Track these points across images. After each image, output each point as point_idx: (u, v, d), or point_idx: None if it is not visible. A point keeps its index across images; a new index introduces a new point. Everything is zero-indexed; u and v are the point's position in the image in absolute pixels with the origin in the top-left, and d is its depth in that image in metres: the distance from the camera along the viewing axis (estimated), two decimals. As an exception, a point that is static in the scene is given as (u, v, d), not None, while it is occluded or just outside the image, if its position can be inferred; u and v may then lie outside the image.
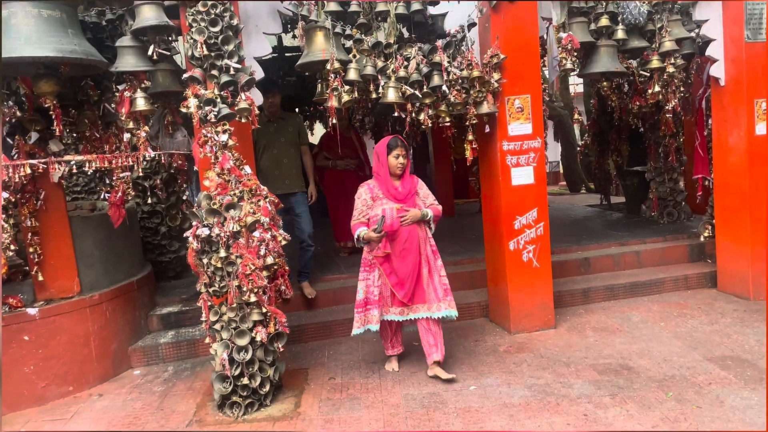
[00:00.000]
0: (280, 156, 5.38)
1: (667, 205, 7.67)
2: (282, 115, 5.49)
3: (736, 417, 3.45)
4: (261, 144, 5.29)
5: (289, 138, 5.44)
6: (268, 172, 5.32)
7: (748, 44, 5.37)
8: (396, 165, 4.16)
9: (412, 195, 4.21)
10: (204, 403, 4.20)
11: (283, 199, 5.06)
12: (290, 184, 5.41)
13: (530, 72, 4.95)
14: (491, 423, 3.59)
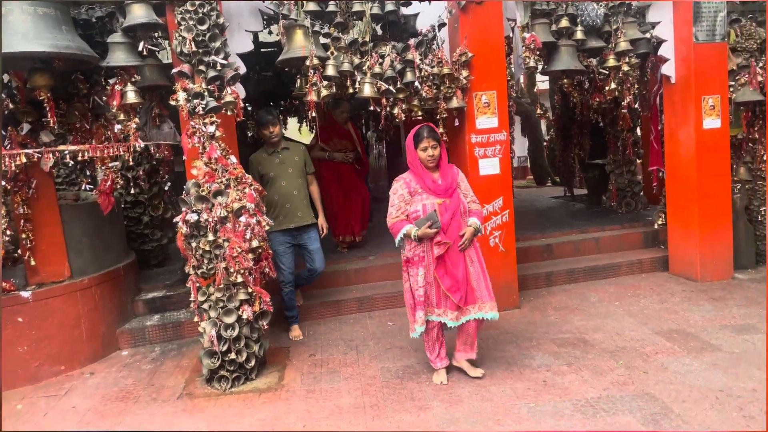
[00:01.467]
0: (289, 188, 4.95)
1: (626, 195, 8.15)
2: (285, 144, 5.10)
3: (677, 380, 3.87)
4: (267, 177, 4.94)
5: (296, 168, 5.03)
6: (279, 205, 4.92)
7: (696, 45, 5.82)
8: (426, 158, 3.82)
9: (453, 188, 3.85)
10: (192, 378, 4.47)
11: (296, 234, 5.00)
12: (303, 216, 5.00)
13: (496, 69, 5.31)
14: (460, 390, 3.94)
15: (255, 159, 5.02)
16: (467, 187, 3.97)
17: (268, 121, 4.88)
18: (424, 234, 3.72)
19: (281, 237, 4.93)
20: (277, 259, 4.85)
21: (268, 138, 4.92)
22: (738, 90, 6.14)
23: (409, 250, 3.88)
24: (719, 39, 5.88)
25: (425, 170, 3.84)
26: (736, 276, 6.18)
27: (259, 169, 4.95)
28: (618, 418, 3.42)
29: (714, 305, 5.32)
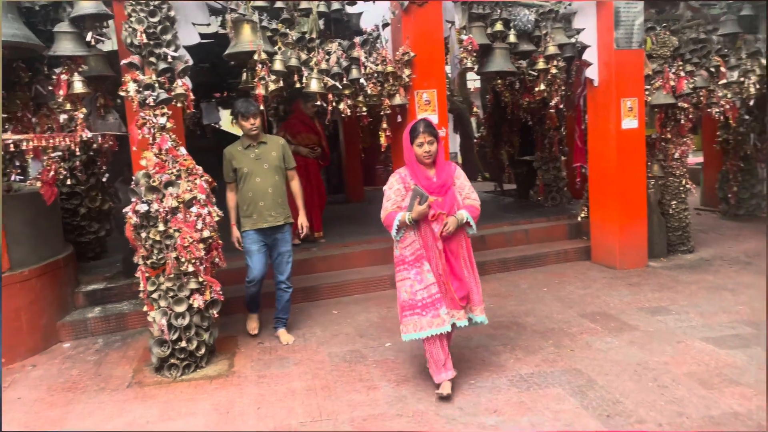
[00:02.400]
0: (264, 185, 4.62)
1: (551, 190, 8.68)
2: (264, 138, 4.72)
3: (600, 356, 4.27)
4: (242, 172, 4.63)
5: (273, 164, 4.67)
6: (252, 203, 4.63)
7: (617, 51, 6.32)
8: (421, 154, 3.58)
9: (449, 186, 3.64)
10: (140, 368, 4.50)
11: (269, 233, 4.72)
12: (276, 216, 4.68)
13: (436, 69, 5.59)
14: (405, 370, 4.19)
15: (229, 152, 4.71)
16: (464, 184, 3.74)
17: (250, 113, 4.54)
18: (417, 214, 3.47)
19: (254, 236, 4.70)
20: (247, 257, 4.73)
21: (247, 130, 4.60)
22: (653, 93, 6.69)
23: (405, 248, 3.63)
24: (637, 46, 6.40)
25: (420, 167, 3.62)
26: (650, 264, 6.75)
27: (233, 164, 4.66)
28: (549, 391, 3.76)
29: (631, 290, 5.83)
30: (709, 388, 3.68)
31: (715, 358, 4.12)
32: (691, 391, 3.66)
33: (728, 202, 9.37)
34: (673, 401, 3.55)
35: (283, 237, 4.78)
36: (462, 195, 3.71)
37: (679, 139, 7.16)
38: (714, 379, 3.80)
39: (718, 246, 7.58)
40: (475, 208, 3.70)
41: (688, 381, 3.79)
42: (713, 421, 3.27)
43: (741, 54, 7.14)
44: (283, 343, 4.82)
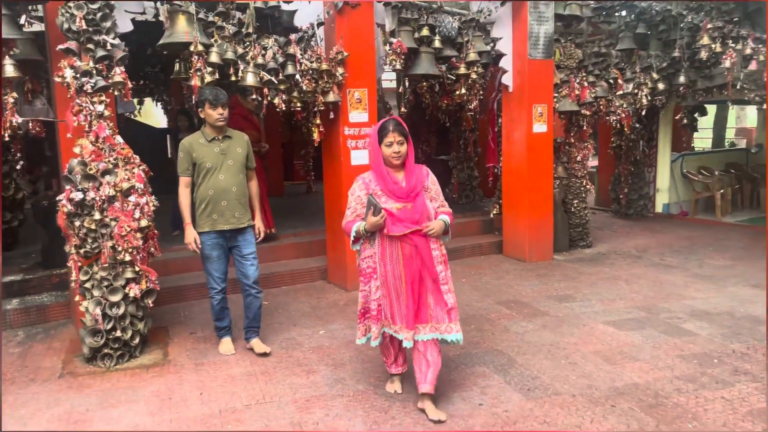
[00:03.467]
0: (228, 183, 4.19)
1: (466, 188, 9.18)
2: (229, 132, 4.30)
3: (517, 338, 4.69)
4: (203, 167, 4.16)
5: (238, 160, 4.26)
6: (213, 202, 4.18)
7: (530, 60, 6.84)
8: (390, 155, 3.30)
9: (418, 192, 3.34)
10: (70, 359, 4.42)
11: (230, 236, 4.29)
12: (240, 218, 4.27)
13: (367, 69, 5.83)
14: (341, 355, 4.40)
15: (189, 144, 4.19)
16: (438, 191, 3.48)
17: (220, 101, 4.11)
18: (371, 225, 3.24)
19: (214, 239, 4.23)
20: (207, 264, 4.30)
21: (214, 120, 4.13)
22: (560, 101, 7.30)
23: (363, 260, 3.45)
24: (547, 57, 6.96)
25: (387, 170, 3.35)
26: (555, 257, 7.36)
27: (194, 157, 4.16)
28: (475, 369, 4.11)
29: (540, 280, 6.36)
30: (613, 363, 4.17)
31: (616, 339, 4.64)
32: (597, 366, 4.13)
33: (619, 203, 10.30)
34: (583, 375, 4.00)
35: (245, 239, 4.35)
36: (436, 204, 3.44)
37: (581, 143, 7.83)
38: (616, 356, 4.31)
39: (612, 242, 8.36)
40: (451, 215, 3.47)
41: (594, 358, 4.27)
42: (617, 392, 3.74)
43: (635, 68, 7.93)
44: (258, 353, 4.38)
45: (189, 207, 4.24)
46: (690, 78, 8.27)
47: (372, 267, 3.42)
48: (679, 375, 3.95)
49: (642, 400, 3.60)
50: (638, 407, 3.51)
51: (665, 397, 3.63)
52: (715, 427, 3.26)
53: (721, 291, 5.85)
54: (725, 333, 4.69)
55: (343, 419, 3.47)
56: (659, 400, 3.60)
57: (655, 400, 3.61)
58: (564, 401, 3.63)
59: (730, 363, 4.12)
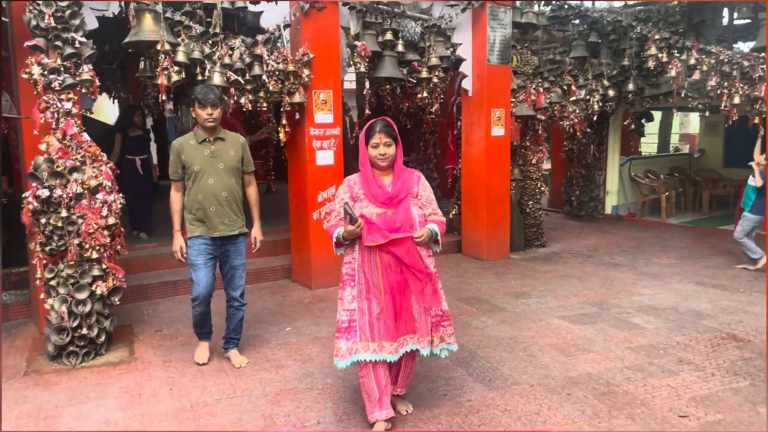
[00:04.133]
0: (217, 187, 3.94)
1: (426, 189, 9.36)
2: (221, 133, 4.05)
3: (478, 333, 4.89)
4: (192, 170, 3.93)
5: (230, 164, 4.00)
6: (201, 208, 3.94)
7: (489, 66, 7.08)
8: (376, 157, 3.13)
9: (403, 198, 3.14)
10: (33, 357, 4.39)
11: (220, 243, 4.04)
12: (230, 225, 4.01)
13: (332, 71, 5.94)
14: (309, 351, 4.51)
15: (179, 145, 3.98)
16: (430, 198, 3.26)
17: (209, 101, 3.87)
18: (347, 233, 3.08)
19: (201, 245, 3.99)
20: (192, 271, 4.02)
21: (203, 120, 3.89)
22: (517, 105, 7.57)
23: (344, 265, 3.26)
24: (505, 63, 7.22)
25: (373, 173, 3.17)
26: (511, 256, 7.63)
27: (182, 158, 3.94)
28: (439, 362, 4.26)
29: (498, 278, 6.60)
30: (568, 355, 4.41)
31: (570, 332, 4.89)
32: (553, 358, 4.36)
33: (571, 204, 10.70)
34: (540, 367, 4.21)
35: (236, 249, 4.11)
36: (427, 211, 3.22)
37: (536, 147, 8.13)
38: (570, 348, 4.55)
39: (565, 242, 8.70)
40: (443, 224, 3.22)
41: (550, 350, 4.50)
42: (572, 381, 3.97)
43: (588, 75, 8.28)
44: (236, 365, 4.19)
45: (179, 213, 4.05)
46: (638, 85, 8.69)
47: (351, 274, 3.20)
48: (628, 365, 4.21)
49: (595, 389, 3.83)
50: (592, 395, 3.75)
51: (616, 386, 3.88)
52: (662, 412, 3.51)
53: (667, 288, 6.20)
54: (670, 326, 5.00)
55: (313, 411, 3.58)
56: (611, 388, 3.85)
57: (607, 388, 3.85)
58: (523, 390, 3.83)
59: (674, 354, 4.41)
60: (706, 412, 3.51)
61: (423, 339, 3.20)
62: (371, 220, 3.09)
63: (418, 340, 3.20)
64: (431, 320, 3.26)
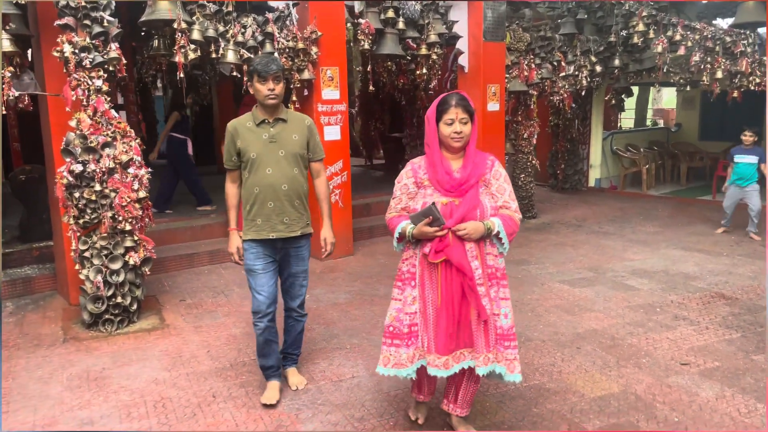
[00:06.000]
0: (277, 179, 3.26)
1: (419, 164, 9.63)
2: (283, 113, 3.33)
3: (487, 296, 5.20)
4: (247, 156, 3.26)
5: (293, 150, 3.30)
6: (259, 202, 3.27)
7: (485, 43, 7.31)
8: (450, 136, 2.68)
9: (473, 185, 2.70)
10: (68, 326, 4.58)
11: (277, 247, 3.35)
12: (291, 224, 3.31)
13: (338, 48, 6.13)
14: (329, 315, 4.78)
15: (233, 128, 3.32)
16: (503, 187, 2.78)
17: (271, 72, 3.17)
18: (420, 233, 2.64)
19: (258, 248, 3.31)
20: (250, 278, 3.36)
21: (263, 98, 3.20)
22: (510, 81, 7.84)
23: (404, 261, 2.82)
24: (500, 39, 7.46)
25: (441, 155, 2.74)
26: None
27: (237, 144, 3.28)
28: (455, 323, 4.58)
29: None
30: (572, 314, 4.75)
31: (571, 294, 5.24)
32: (559, 317, 4.70)
33: (557, 177, 11.07)
34: (548, 325, 4.55)
35: (297, 253, 3.42)
36: (499, 201, 2.76)
37: (528, 121, 8.43)
38: (574, 308, 4.89)
39: (554, 213, 9.07)
40: (513, 221, 2.73)
41: (555, 311, 4.84)
42: (580, 336, 4.31)
43: (576, 51, 8.57)
44: (292, 387, 3.58)
45: (235, 207, 3.43)
46: (623, 61, 9.01)
47: (413, 272, 2.77)
48: (629, 321, 4.57)
49: (602, 342, 4.18)
50: (600, 348, 4.09)
51: (620, 339, 4.23)
52: (665, 361, 3.87)
53: (655, 253, 6.60)
54: (663, 287, 5.38)
55: (346, 367, 3.86)
56: (616, 341, 4.20)
57: (612, 342, 4.20)
58: (536, 346, 4.16)
59: (670, 311, 4.79)
60: (704, 360, 3.88)
61: (479, 355, 2.73)
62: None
63: (473, 356, 2.75)
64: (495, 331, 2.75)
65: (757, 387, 3.49)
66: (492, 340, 2.74)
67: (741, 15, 8.24)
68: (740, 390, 3.46)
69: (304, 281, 3.54)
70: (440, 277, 2.69)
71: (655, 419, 3.16)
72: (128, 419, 3.24)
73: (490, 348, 2.74)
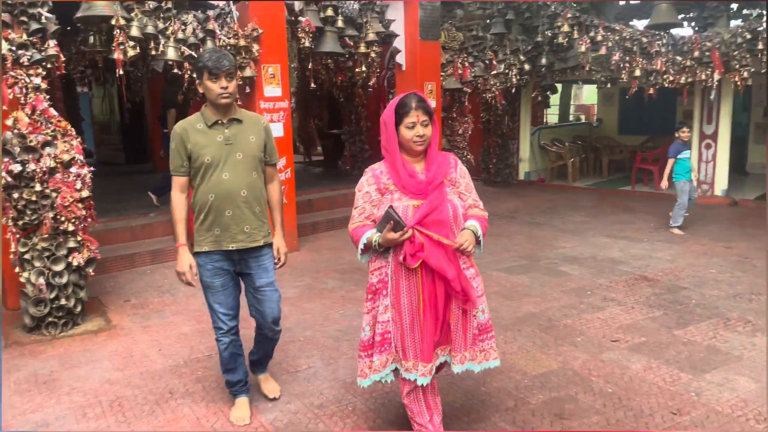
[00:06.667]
0: (235, 184, 2.96)
1: (358, 160, 9.78)
2: (237, 113, 3.03)
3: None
4: (200, 161, 2.94)
5: (251, 153, 3.01)
6: (215, 211, 2.96)
7: (421, 42, 7.54)
8: (412, 139, 2.58)
9: (439, 185, 2.61)
10: (8, 331, 4.45)
11: (238, 259, 3.05)
12: (252, 234, 3.02)
13: (279, 45, 6.18)
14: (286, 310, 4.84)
15: (182, 130, 2.97)
16: (470, 185, 2.76)
17: (223, 69, 2.86)
18: (386, 240, 2.53)
19: (215, 261, 3.01)
20: (208, 295, 3.07)
21: (215, 97, 2.88)
22: (446, 79, 8.10)
23: (372, 272, 2.72)
24: (435, 39, 7.71)
25: (402, 159, 2.64)
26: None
27: (188, 147, 2.94)
28: (403, 312, 4.76)
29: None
30: (512, 299, 5.04)
31: (509, 281, 5.53)
32: (500, 303, 4.97)
33: (489, 172, 11.48)
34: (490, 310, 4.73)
35: (260, 264, 3.11)
36: (467, 201, 2.73)
37: (462, 118, 8.74)
38: (513, 294, 5.18)
39: (487, 206, 9.16)
40: (486, 221, 2.75)
41: (496, 297, 5.10)
42: (520, 320, 4.58)
43: (506, 51, 8.95)
44: (269, 395, 3.40)
45: (184, 220, 3.01)
46: (549, 60, 9.48)
47: (384, 281, 2.66)
48: (563, 304, 4.89)
49: (540, 324, 4.47)
50: (538, 329, 4.38)
51: (557, 321, 4.53)
52: (597, 339, 4.19)
53: (583, 241, 7.03)
54: (592, 272, 5.77)
55: (301, 359, 3.96)
56: (552, 323, 4.50)
57: (549, 323, 4.49)
58: (480, 330, 4.39)
59: (599, 293, 5.15)
60: (632, 336, 4.23)
61: (456, 354, 2.69)
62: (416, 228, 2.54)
63: (451, 354, 2.71)
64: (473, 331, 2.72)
65: (679, 358, 3.85)
66: (470, 338, 2.70)
67: (655, 17, 8.86)
68: (665, 362, 3.81)
69: (273, 295, 3.16)
70: (421, 281, 2.58)
71: (592, 391, 3.44)
72: (85, 419, 3.23)
73: (467, 347, 2.70)
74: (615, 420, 3.13)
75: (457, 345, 2.68)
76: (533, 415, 3.21)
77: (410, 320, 2.62)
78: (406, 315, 2.62)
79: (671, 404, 3.28)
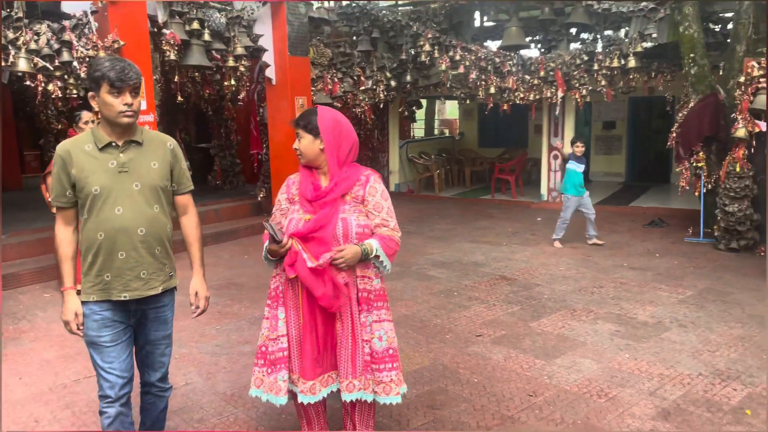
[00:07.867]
0: (129, 220, 2.44)
1: (229, 174, 9.67)
2: (137, 134, 2.50)
3: (308, 296, 5.53)
4: (87, 191, 2.42)
5: (152, 182, 2.50)
6: (104, 251, 2.43)
7: (290, 57, 7.66)
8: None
9: (335, 199, 2.54)
10: None
11: (135, 309, 2.53)
12: (149, 280, 2.52)
13: (143, 58, 6.00)
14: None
15: (66, 153, 2.44)
16: (379, 204, 2.61)
17: (129, 83, 2.36)
18: (270, 251, 2.57)
19: (104, 313, 2.47)
20: (94, 353, 2.50)
21: (115, 115, 2.37)
22: (316, 94, 8.28)
23: (273, 278, 2.73)
24: (304, 54, 7.86)
25: (312, 170, 2.63)
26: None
27: (73, 175, 2.42)
28: (281, 323, 4.83)
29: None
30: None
31: (383, 288, 5.77)
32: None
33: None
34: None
35: (158, 315, 2.62)
36: (376, 219, 2.61)
37: (333, 131, 8.93)
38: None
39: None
40: (393, 241, 2.64)
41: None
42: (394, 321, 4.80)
43: (373, 67, 9.32)
44: None
45: (71, 259, 2.51)
46: (413, 77, 9.99)
47: (283, 290, 2.63)
48: (433, 306, 5.21)
49: (413, 325, 4.74)
50: (411, 330, 4.64)
51: (427, 321, 4.83)
52: (464, 335, 4.52)
53: (450, 247, 7.48)
54: (458, 275, 6.18)
55: (178, 376, 3.90)
56: (424, 323, 4.78)
57: (421, 323, 4.78)
58: (357, 335, 4.58)
59: (465, 294, 5.54)
60: (494, 330, 4.61)
61: (344, 381, 2.58)
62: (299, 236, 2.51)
63: (340, 380, 2.60)
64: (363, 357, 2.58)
65: (534, 347, 4.27)
66: (360, 366, 2.56)
67: (506, 38, 9.66)
68: (522, 351, 4.21)
69: (167, 349, 2.69)
70: (302, 296, 2.55)
71: (460, 382, 3.73)
72: (-65, 459, 2.98)
73: (357, 374, 2.56)
74: (480, 405, 3.43)
75: (343, 371, 2.57)
76: (408, 409, 3.42)
77: (296, 333, 2.59)
78: (293, 327, 2.60)
79: (528, 388, 3.65)
